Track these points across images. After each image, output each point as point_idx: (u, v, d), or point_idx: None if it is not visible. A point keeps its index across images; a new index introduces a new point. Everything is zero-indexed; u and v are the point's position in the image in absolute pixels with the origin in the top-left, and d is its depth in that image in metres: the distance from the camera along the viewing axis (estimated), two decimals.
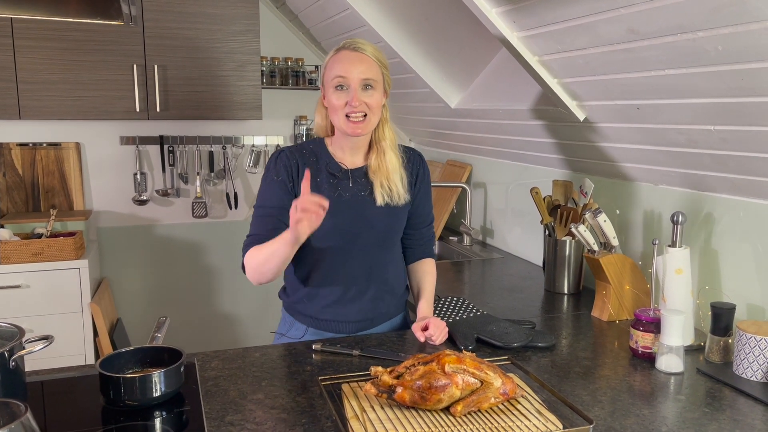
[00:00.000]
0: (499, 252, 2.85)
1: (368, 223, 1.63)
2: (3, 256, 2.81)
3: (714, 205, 1.75)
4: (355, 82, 1.54)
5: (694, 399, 1.37)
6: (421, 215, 1.76)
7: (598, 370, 1.51)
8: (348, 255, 1.64)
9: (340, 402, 1.30)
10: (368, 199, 1.63)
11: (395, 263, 1.75)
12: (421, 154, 1.77)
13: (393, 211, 1.66)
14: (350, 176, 1.64)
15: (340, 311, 1.68)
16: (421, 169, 1.73)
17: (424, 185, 1.74)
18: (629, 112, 1.72)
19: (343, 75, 1.54)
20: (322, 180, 1.62)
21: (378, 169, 1.63)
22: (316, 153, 1.66)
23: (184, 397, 1.35)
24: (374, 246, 1.66)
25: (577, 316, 1.93)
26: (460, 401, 1.24)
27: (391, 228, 1.68)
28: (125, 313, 3.50)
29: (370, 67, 1.56)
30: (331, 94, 1.56)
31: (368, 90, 1.56)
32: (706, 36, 1.26)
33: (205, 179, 3.54)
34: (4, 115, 2.89)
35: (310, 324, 1.70)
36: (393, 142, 1.65)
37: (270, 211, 1.62)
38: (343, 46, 1.58)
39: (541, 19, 1.62)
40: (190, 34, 3.09)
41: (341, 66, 1.54)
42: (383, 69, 1.60)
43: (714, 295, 1.72)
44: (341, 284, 1.66)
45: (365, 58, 1.56)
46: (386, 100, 1.64)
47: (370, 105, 1.56)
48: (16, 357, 1.21)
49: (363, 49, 1.56)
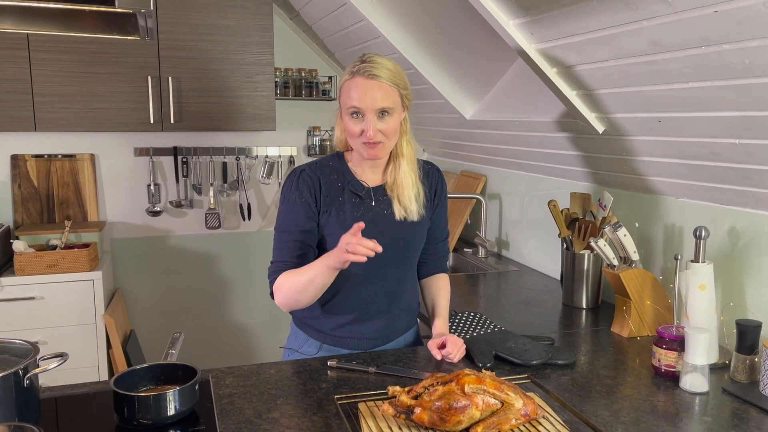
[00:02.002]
0: (515, 264, 2.81)
1: (392, 241, 1.59)
2: (18, 267, 2.81)
3: (737, 220, 1.71)
4: (370, 112, 1.48)
5: (720, 420, 1.33)
6: (438, 230, 1.73)
7: (620, 389, 1.48)
8: (371, 274, 1.61)
9: (357, 422, 1.28)
10: (390, 217, 1.61)
11: (412, 280, 1.73)
12: (439, 169, 1.74)
13: (413, 227, 1.63)
14: (372, 195, 1.61)
15: (357, 329, 1.66)
16: (440, 184, 1.71)
17: (441, 201, 1.72)
18: (650, 125, 1.69)
19: (357, 106, 1.48)
20: (345, 200, 1.59)
21: (393, 184, 1.61)
22: (338, 170, 1.62)
23: (198, 415, 1.34)
24: (397, 264, 1.64)
25: (596, 332, 1.89)
26: (480, 423, 1.21)
27: (412, 245, 1.66)
28: (138, 324, 3.49)
29: (385, 96, 1.49)
30: (347, 120, 1.52)
31: (384, 117, 1.50)
32: (732, 49, 1.23)
33: (219, 190, 3.54)
34: (20, 127, 2.90)
35: (324, 340, 1.68)
36: (411, 157, 1.61)
37: (295, 236, 1.57)
38: (357, 71, 1.49)
39: (560, 30, 1.60)
40: (204, 46, 3.09)
41: (356, 94, 1.48)
42: (401, 90, 1.53)
43: (738, 311, 1.68)
44: (362, 303, 1.64)
45: (381, 85, 1.48)
46: (406, 112, 1.59)
47: (386, 132, 1.51)
48: (30, 375, 1.20)
49: (378, 77, 1.48)
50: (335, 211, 1.58)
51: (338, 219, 1.57)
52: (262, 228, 3.68)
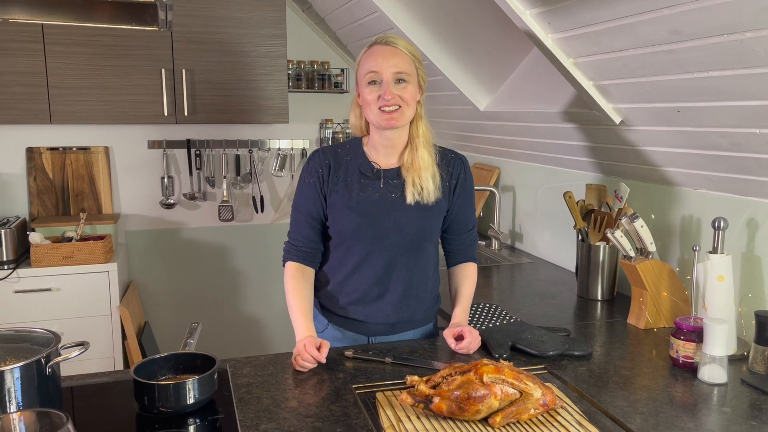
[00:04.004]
0: (529, 256, 2.80)
1: (395, 225, 1.61)
2: (34, 259, 2.84)
3: (757, 210, 1.70)
4: (387, 75, 1.52)
5: (739, 411, 1.32)
6: (462, 221, 1.72)
7: (637, 380, 1.47)
8: (372, 255, 1.63)
9: (375, 411, 1.28)
10: (398, 201, 1.62)
11: (422, 268, 1.69)
12: (464, 158, 1.72)
13: (424, 213, 1.62)
14: (381, 176, 1.63)
15: (361, 311, 1.68)
16: (462, 173, 1.69)
17: (465, 190, 1.69)
18: (669, 115, 1.67)
19: (375, 69, 1.52)
20: (353, 179, 1.62)
21: (411, 166, 1.60)
22: (352, 152, 1.66)
23: (217, 404, 1.34)
24: (400, 249, 1.64)
25: (612, 324, 1.89)
26: (498, 412, 1.21)
27: (420, 231, 1.64)
28: (152, 316, 3.52)
29: (402, 61, 1.53)
30: (364, 89, 1.55)
31: (401, 83, 1.53)
32: (754, 37, 1.21)
33: (232, 183, 3.55)
34: (35, 119, 2.92)
35: (330, 319, 1.73)
36: (427, 138, 1.62)
37: (303, 216, 1.67)
38: (375, 41, 1.56)
39: (578, 20, 1.59)
40: (217, 38, 3.09)
41: (373, 60, 1.53)
42: (417, 63, 1.57)
43: (757, 302, 1.67)
44: (364, 283, 1.66)
45: (398, 51, 1.54)
46: (422, 95, 1.61)
47: (404, 98, 1.53)
48: (52, 363, 1.21)
49: (395, 43, 1.55)
50: (342, 189, 1.62)
51: (344, 197, 1.61)
52: (275, 220, 3.69)
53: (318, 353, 1.49)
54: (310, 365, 1.49)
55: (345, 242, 1.64)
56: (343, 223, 1.62)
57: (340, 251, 1.67)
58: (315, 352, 1.48)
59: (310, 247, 1.66)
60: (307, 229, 1.65)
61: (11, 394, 1.16)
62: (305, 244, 1.66)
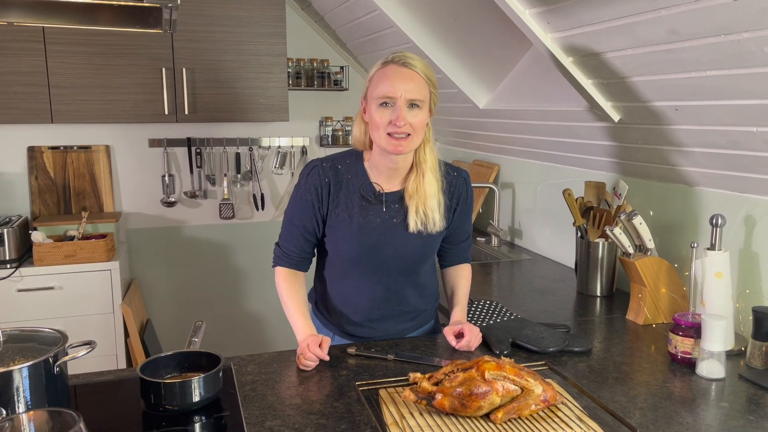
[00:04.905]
0: (528, 253, 2.82)
1: (396, 252, 1.59)
2: (37, 258, 2.85)
3: (754, 207, 1.71)
4: (401, 100, 1.45)
5: (737, 406, 1.34)
6: (460, 233, 1.72)
7: (636, 376, 1.49)
8: (372, 280, 1.64)
9: (378, 407, 1.30)
10: (399, 226, 1.58)
11: (423, 284, 1.71)
12: (467, 176, 1.67)
13: (425, 239, 1.60)
14: (384, 201, 1.59)
15: (361, 330, 1.70)
16: (464, 192, 1.65)
17: (465, 206, 1.67)
18: (667, 114, 1.69)
19: (389, 94, 1.45)
20: (353, 202, 1.58)
21: (415, 193, 1.55)
22: (353, 170, 1.60)
23: (222, 402, 1.36)
24: (399, 273, 1.64)
25: (611, 320, 1.91)
26: (500, 408, 1.23)
27: (420, 256, 1.63)
28: (154, 313, 3.54)
29: (418, 86, 1.46)
30: (375, 111, 1.48)
31: (414, 109, 1.47)
32: (751, 37, 1.23)
33: (232, 181, 3.57)
34: (36, 119, 2.93)
35: (334, 332, 1.74)
36: (434, 165, 1.57)
37: (298, 229, 1.63)
38: (392, 60, 1.48)
39: (577, 20, 1.60)
40: (217, 37, 3.10)
41: (389, 83, 1.45)
42: (431, 87, 1.50)
43: (754, 298, 1.69)
44: (365, 307, 1.67)
45: (415, 75, 1.47)
46: (430, 118, 1.55)
47: (414, 125, 1.47)
48: (60, 363, 1.23)
49: (413, 66, 1.47)
50: (343, 212, 1.58)
51: (345, 220, 1.58)
52: (275, 218, 3.71)
53: (321, 351, 1.50)
54: (313, 364, 1.50)
55: (344, 264, 1.64)
56: (343, 248, 1.60)
57: (340, 270, 1.66)
58: (318, 351, 1.50)
59: (302, 256, 1.66)
60: (300, 241, 1.63)
61: (20, 393, 1.18)
62: (298, 254, 1.65)
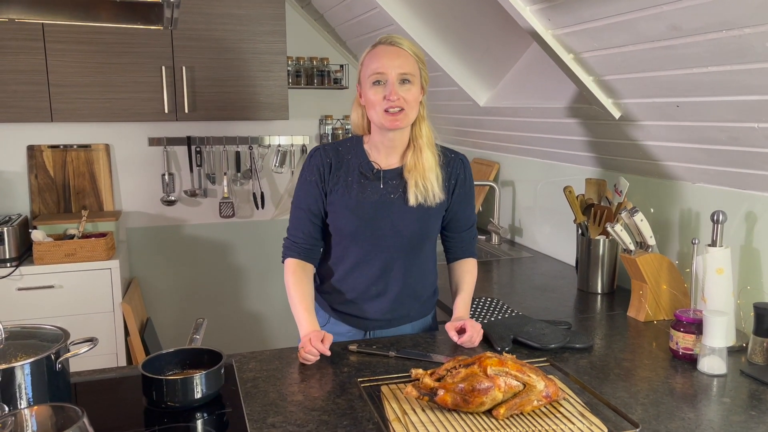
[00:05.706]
0: (529, 251, 2.82)
1: (393, 227, 1.63)
2: (37, 256, 2.85)
3: (755, 203, 1.72)
4: (392, 76, 1.52)
5: (739, 402, 1.34)
6: (462, 219, 1.73)
7: (638, 372, 1.49)
8: (370, 255, 1.65)
9: (380, 404, 1.30)
10: (398, 202, 1.62)
11: (420, 267, 1.72)
12: (465, 158, 1.72)
13: (424, 215, 1.63)
14: (381, 177, 1.63)
15: (358, 308, 1.71)
16: (462, 173, 1.69)
17: (464, 189, 1.70)
18: (668, 110, 1.69)
19: (380, 71, 1.53)
20: (353, 180, 1.63)
21: (414, 167, 1.61)
22: (353, 150, 1.66)
23: (224, 398, 1.36)
24: (398, 249, 1.66)
25: (612, 317, 1.91)
26: (502, 404, 1.23)
27: (418, 232, 1.66)
28: (154, 312, 3.53)
29: (407, 62, 1.54)
30: (369, 90, 1.55)
31: (405, 84, 1.54)
32: (752, 32, 1.23)
33: (232, 179, 3.56)
34: (36, 117, 2.93)
35: (330, 314, 1.76)
36: (430, 139, 1.63)
37: (304, 212, 1.67)
38: (380, 41, 1.57)
39: (578, 16, 1.60)
40: (217, 36, 3.10)
41: (378, 61, 1.53)
42: (420, 64, 1.58)
43: (756, 294, 1.69)
44: (362, 283, 1.68)
45: (402, 52, 1.55)
46: (424, 96, 1.62)
47: (408, 99, 1.54)
48: (62, 359, 1.23)
49: (400, 44, 1.56)
50: (342, 189, 1.63)
51: (343, 198, 1.62)
52: (275, 216, 3.71)
53: (322, 346, 1.51)
54: (313, 357, 1.51)
55: (343, 241, 1.67)
56: (341, 223, 1.64)
57: (339, 249, 1.69)
58: (320, 346, 1.50)
59: (310, 243, 1.68)
60: (308, 225, 1.66)
61: (22, 389, 1.17)
62: (305, 240, 1.67)
